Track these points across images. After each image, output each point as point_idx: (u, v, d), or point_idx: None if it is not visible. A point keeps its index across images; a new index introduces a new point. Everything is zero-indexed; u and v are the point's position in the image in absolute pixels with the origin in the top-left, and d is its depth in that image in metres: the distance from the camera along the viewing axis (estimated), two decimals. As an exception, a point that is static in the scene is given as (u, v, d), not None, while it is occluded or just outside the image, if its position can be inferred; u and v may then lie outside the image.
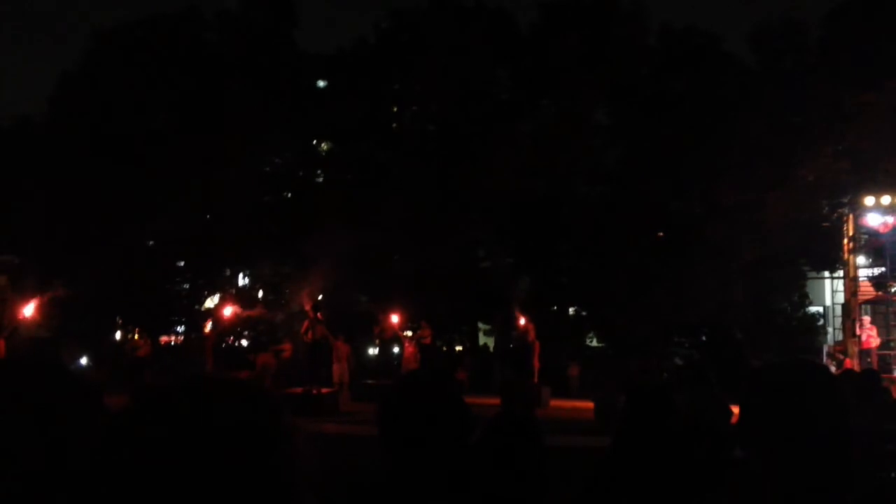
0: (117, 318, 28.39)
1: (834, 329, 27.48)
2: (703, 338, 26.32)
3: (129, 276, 24.68)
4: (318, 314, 17.71)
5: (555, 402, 18.98)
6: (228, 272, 29.93)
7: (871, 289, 23.12)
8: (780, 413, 1.65)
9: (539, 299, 25.46)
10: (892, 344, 20.91)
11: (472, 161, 24.60)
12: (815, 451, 1.61)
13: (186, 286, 29.40)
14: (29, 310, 18.10)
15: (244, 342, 27.88)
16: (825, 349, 25.09)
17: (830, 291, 29.95)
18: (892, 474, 3.93)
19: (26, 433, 1.35)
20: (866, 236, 22.35)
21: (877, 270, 23.19)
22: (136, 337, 24.97)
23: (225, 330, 24.20)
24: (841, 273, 26.00)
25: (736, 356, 21.55)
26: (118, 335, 28.60)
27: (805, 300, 27.85)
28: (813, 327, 27.86)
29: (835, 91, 22.44)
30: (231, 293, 28.06)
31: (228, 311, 21.47)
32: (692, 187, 25.41)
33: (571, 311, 28.83)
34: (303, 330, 17.91)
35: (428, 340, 20.65)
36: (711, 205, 24.22)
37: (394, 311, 20.63)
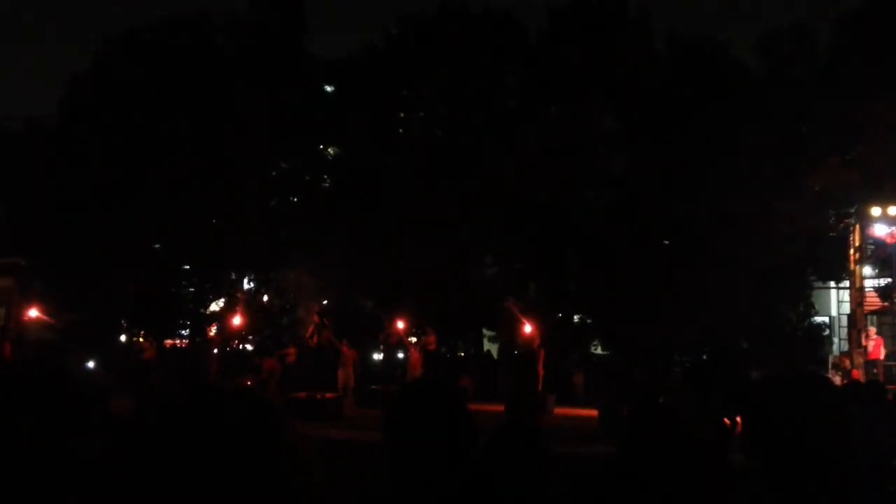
0: (123, 322, 28.42)
1: (840, 339, 27.38)
2: (709, 348, 26.18)
3: (135, 280, 24.71)
4: (324, 319, 17.72)
5: (559, 410, 18.96)
6: (234, 276, 29.93)
7: (878, 299, 23.08)
8: (783, 425, 1.66)
9: (544, 306, 25.37)
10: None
11: (479, 167, 24.58)
12: (819, 463, 1.61)
13: (192, 290, 29.41)
14: (35, 312, 18.18)
15: (249, 346, 27.86)
16: (830, 359, 25.03)
17: (836, 302, 29.84)
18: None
19: (33, 436, 1.36)
20: (873, 247, 22.33)
21: (883, 281, 23.13)
22: (142, 340, 25.03)
23: (230, 334, 24.23)
24: (847, 283, 25.92)
25: (740, 367, 21.45)
26: (123, 338, 28.62)
27: (811, 310, 27.72)
28: (818, 337, 27.74)
29: (843, 101, 22.37)
30: (237, 297, 28.10)
31: (237, 320, 21.48)
32: (699, 195, 25.32)
33: (576, 318, 28.73)
34: (308, 334, 17.91)
35: (433, 346, 20.60)
36: (718, 213, 24.13)
37: (399, 317, 20.60)
